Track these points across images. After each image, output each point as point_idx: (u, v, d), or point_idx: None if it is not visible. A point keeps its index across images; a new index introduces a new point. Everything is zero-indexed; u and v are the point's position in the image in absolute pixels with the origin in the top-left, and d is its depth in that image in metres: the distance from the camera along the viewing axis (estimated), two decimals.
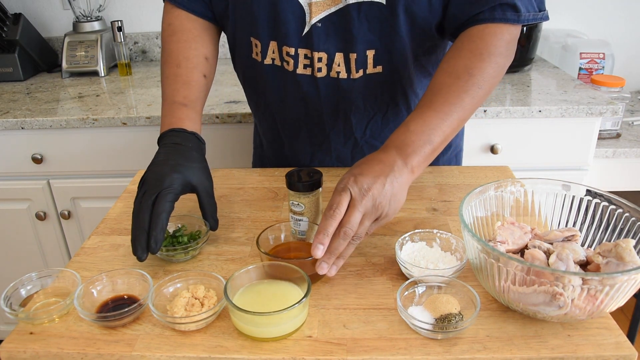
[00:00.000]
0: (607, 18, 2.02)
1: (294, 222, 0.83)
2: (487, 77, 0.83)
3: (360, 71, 0.95)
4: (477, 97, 0.83)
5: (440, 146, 0.81)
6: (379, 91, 0.98)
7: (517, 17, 0.85)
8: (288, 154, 1.12)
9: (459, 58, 0.85)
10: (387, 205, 0.74)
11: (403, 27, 0.90)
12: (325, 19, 0.91)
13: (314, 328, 0.67)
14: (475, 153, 1.60)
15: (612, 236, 0.73)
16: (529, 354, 0.62)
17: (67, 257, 1.80)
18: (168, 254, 0.80)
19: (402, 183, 0.76)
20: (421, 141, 0.78)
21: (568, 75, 1.82)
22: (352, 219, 0.71)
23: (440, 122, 0.80)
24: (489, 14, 0.85)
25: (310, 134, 1.06)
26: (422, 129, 0.79)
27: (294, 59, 0.95)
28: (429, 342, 0.64)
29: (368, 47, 0.93)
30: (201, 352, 0.64)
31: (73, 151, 1.62)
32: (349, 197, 0.73)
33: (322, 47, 0.93)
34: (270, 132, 1.12)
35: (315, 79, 0.96)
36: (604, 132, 1.68)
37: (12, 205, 1.71)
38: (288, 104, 1.02)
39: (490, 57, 0.84)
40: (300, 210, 0.82)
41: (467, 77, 0.83)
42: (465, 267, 0.75)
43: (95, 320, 0.68)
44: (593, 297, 0.60)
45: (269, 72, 0.99)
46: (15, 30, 1.88)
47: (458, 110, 0.81)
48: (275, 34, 0.94)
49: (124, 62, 1.95)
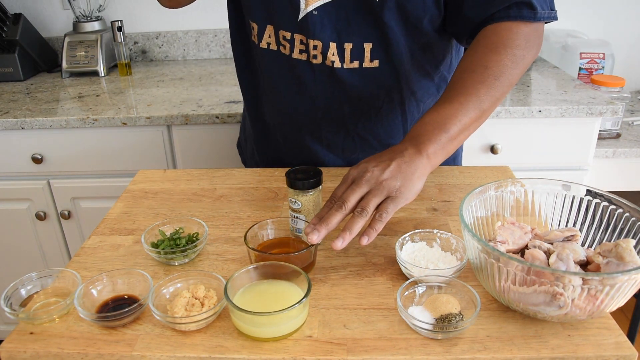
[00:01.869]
0: (607, 18, 2.02)
1: (291, 219, 0.83)
2: (503, 68, 0.83)
3: (355, 62, 0.95)
4: (494, 87, 0.83)
5: (460, 136, 0.81)
6: (374, 86, 0.99)
7: (534, 15, 0.85)
8: (279, 141, 1.12)
9: (474, 54, 0.86)
10: (397, 183, 0.74)
11: (394, 22, 0.91)
12: (321, 7, 0.91)
13: (314, 328, 0.67)
14: (475, 153, 1.60)
15: (612, 236, 0.73)
16: (529, 354, 0.62)
17: (67, 257, 1.80)
18: (166, 257, 0.79)
19: (415, 167, 0.76)
20: (436, 130, 0.79)
21: (568, 75, 1.82)
22: (349, 192, 0.73)
23: (455, 111, 0.80)
24: (504, 13, 0.86)
25: (302, 119, 1.06)
26: (436, 119, 0.80)
27: (290, 44, 0.96)
28: (429, 342, 0.64)
29: (365, 40, 0.93)
30: (201, 352, 0.64)
31: (73, 151, 1.62)
32: (350, 181, 0.74)
33: (317, 35, 0.93)
34: (262, 118, 1.12)
35: (311, 64, 0.97)
36: (604, 132, 1.68)
37: (12, 205, 1.71)
38: (282, 87, 1.03)
39: (506, 49, 0.84)
40: (298, 208, 0.82)
41: (482, 69, 0.83)
42: (466, 267, 0.75)
43: (96, 320, 0.68)
44: (593, 297, 0.60)
45: (265, 56, 1.01)
46: (15, 30, 1.88)
47: (474, 100, 0.81)
48: (271, 18, 0.95)
49: (124, 62, 1.95)
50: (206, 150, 1.63)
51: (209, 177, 1.07)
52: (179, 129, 1.60)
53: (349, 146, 1.08)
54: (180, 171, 1.10)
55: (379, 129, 1.05)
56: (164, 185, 1.04)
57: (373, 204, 0.73)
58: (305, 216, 0.82)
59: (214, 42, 2.14)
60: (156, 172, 1.10)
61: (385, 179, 0.74)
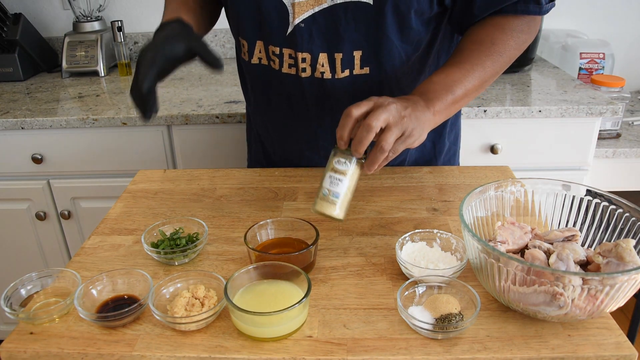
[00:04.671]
0: (607, 18, 2.02)
1: (331, 181, 0.77)
2: (508, 48, 0.89)
3: (346, 71, 0.95)
4: (497, 62, 0.89)
5: (462, 100, 0.87)
6: (366, 92, 0.97)
7: (539, 9, 0.89)
8: (277, 152, 1.12)
9: (482, 29, 0.91)
10: (412, 124, 0.78)
11: (391, 27, 0.90)
12: (309, 19, 0.90)
13: (314, 328, 0.67)
14: (475, 153, 1.60)
15: (612, 236, 0.73)
16: (529, 354, 0.62)
17: (67, 257, 1.80)
18: (166, 257, 0.79)
19: (425, 118, 0.80)
20: (443, 90, 0.84)
21: (568, 75, 1.82)
22: (372, 117, 0.74)
23: (462, 77, 0.86)
24: (512, 8, 0.89)
25: (298, 132, 1.06)
26: (444, 80, 0.85)
27: (279, 58, 0.96)
28: (429, 342, 0.64)
29: (355, 48, 0.92)
30: (201, 352, 0.64)
31: (73, 151, 1.62)
32: (371, 103, 0.76)
33: (305, 48, 0.93)
34: (263, 129, 1.13)
35: (300, 78, 0.96)
36: (604, 132, 1.68)
37: (12, 205, 1.71)
38: (274, 103, 1.03)
39: (513, 32, 0.90)
40: (344, 169, 0.77)
41: (490, 44, 0.89)
42: (466, 267, 0.75)
43: (96, 320, 0.68)
44: (593, 297, 0.60)
45: (256, 71, 1.01)
46: (15, 30, 1.88)
47: (479, 70, 0.87)
48: (261, 33, 0.95)
49: (124, 62, 1.95)
50: (206, 150, 1.62)
51: (209, 177, 1.07)
52: (179, 129, 1.60)
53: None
54: (180, 171, 1.10)
55: None
56: (163, 185, 1.04)
57: (392, 140, 0.76)
58: (348, 181, 0.77)
59: (214, 42, 2.14)
60: (156, 172, 1.10)
61: (405, 116, 0.77)
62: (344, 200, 0.77)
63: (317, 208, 0.77)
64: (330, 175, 0.77)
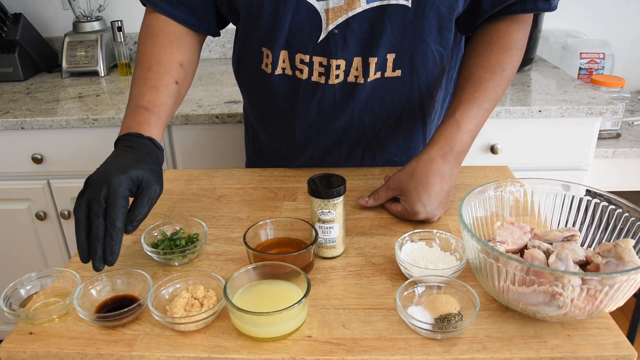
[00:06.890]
0: (607, 18, 2.02)
1: (322, 231, 0.79)
2: (514, 69, 0.95)
3: (378, 73, 0.93)
4: (506, 88, 0.95)
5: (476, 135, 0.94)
6: (395, 94, 0.97)
7: (549, 6, 0.91)
8: (299, 157, 1.09)
9: (492, 53, 0.94)
10: (447, 205, 0.92)
11: (429, 30, 0.89)
12: (342, 24, 0.88)
13: (314, 328, 0.67)
14: (475, 153, 1.60)
15: (611, 236, 0.73)
16: (529, 354, 0.62)
17: (67, 257, 1.80)
18: (166, 257, 0.79)
19: (455, 176, 0.91)
20: (470, 140, 0.92)
21: (568, 75, 1.82)
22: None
23: (482, 118, 0.92)
24: (521, 6, 0.90)
25: (323, 137, 1.04)
26: (469, 127, 0.90)
27: (309, 67, 0.93)
28: (429, 342, 0.64)
29: (389, 51, 0.91)
30: (201, 352, 0.64)
31: (73, 151, 1.62)
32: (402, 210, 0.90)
33: (340, 54, 0.90)
34: (281, 138, 1.08)
35: (331, 85, 0.94)
36: (604, 132, 1.68)
37: (12, 205, 1.71)
38: (300, 112, 1.00)
39: (517, 50, 0.94)
40: (332, 218, 0.78)
41: (501, 72, 0.93)
42: (465, 267, 0.75)
43: (95, 320, 0.68)
44: (593, 297, 0.60)
45: (278, 82, 0.97)
46: (15, 30, 1.88)
47: (494, 104, 0.94)
48: (289, 42, 0.91)
49: (124, 62, 1.95)
50: (206, 150, 1.63)
51: (208, 177, 1.07)
52: (179, 129, 1.60)
53: (368, 155, 1.07)
54: (180, 171, 1.10)
55: (398, 135, 1.05)
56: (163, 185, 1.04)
57: None
58: (338, 224, 0.79)
59: (214, 42, 2.14)
60: None
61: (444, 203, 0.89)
62: (340, 238, 0.80)
63: (321, 255, 0.81)
64: (319, 226, 0.79)
